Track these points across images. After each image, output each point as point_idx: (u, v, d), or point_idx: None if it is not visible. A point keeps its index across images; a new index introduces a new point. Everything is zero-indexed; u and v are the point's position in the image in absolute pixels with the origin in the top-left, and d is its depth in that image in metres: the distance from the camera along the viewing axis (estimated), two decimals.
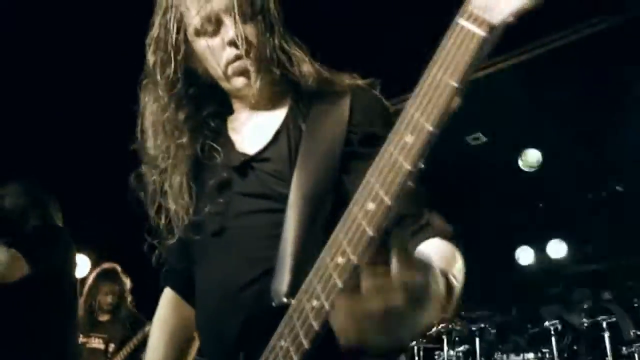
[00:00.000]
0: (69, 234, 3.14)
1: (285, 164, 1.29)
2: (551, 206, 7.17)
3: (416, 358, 6.12)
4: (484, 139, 6.12)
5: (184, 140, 1.41)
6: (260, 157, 1.33)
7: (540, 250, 7.39)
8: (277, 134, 1.34)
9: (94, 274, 4.55)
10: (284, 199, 1.23)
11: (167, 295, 1.57)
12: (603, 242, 6.98)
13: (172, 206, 1.41)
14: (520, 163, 6.40)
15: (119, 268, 4.66)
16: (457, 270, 1.11)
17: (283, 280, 1.13)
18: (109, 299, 4.48)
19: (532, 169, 6.38)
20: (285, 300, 1.10)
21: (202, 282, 1.38)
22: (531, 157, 6.35)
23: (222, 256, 1.30)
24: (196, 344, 1.55)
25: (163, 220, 1.43)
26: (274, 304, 1.12)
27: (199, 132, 1.43)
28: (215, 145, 1.41)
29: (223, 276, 1.28)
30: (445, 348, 6.02)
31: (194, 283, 1.42)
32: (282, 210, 1.22)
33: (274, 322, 1.05)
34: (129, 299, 4.62)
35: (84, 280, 4.50)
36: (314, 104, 1.35)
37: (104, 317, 4.52)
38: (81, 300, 4.21)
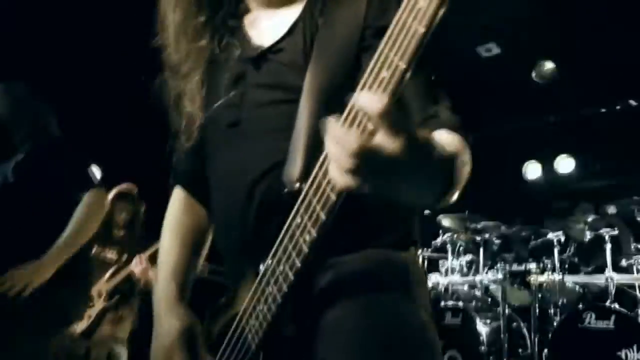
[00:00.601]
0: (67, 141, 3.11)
1: (300, 55, 1.29)
2: (562, 120, 7.11)
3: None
4: (497, 50, 5.99)
5: (204, 43, 1.44)
6: (275, 48, 1.34)
7: (548, 164, 7.39)
8: (293, 26, 1.35)
9: (112, 193, 4.74)
10: (298, 90, 1.24)
11: (178, 195, 1.58)
12: (611, 157, 6.97)
13: (189, 108, 1.44)
14: (533, 75, 6.29)
15: (135, 189, 4.89)
16: (462, 164, 1.11)
17: (295, 167, 1.16)
18: (125, 215, 4.74)
19: (545, 81, 6.28)
20: (297, 185, 1.12)
21: (217, 173, 1.41)
22: (545, 69, 6.23)
23: (237, 147, 1.33)
24: (207, 244, 1.58)
25: (182, 123, 1.46)
26: (286, 190, 1.15)
27: (218, 32, 1.45)
28: (232, 40, 1.42)
29: (238, 167, 1.31)
30: (450, 257, 6.14)
31: (205, 182, 1.45)
32: (297, 101, 1.23)
33: (288, 209, 1.08)
34: (142, 219, 4.85)
35: None
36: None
37: (119, 233, 4.77)
38: None
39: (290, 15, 1.37)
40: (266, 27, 1.40)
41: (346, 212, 1.00)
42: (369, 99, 0.81)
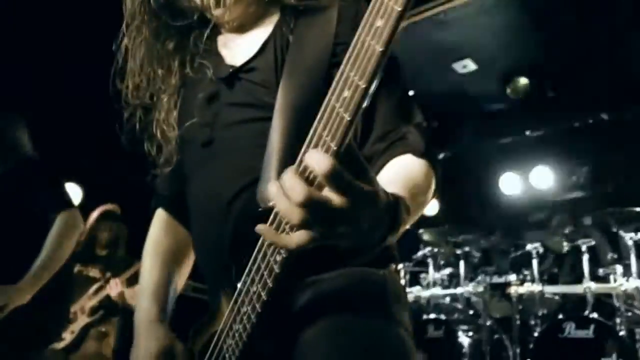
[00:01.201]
0: (41, 162, 3.11)
1: (272, 73, 1.31)
2: (539, 134, 7.21)
3: (402, 281, 6.29)
4: (473, 66, 6.09)
5: (174, 67, 1.45)
6: (247, 67, 1.36)
7: (525, 177, 7.47)
8: (264, 45, 1.37)
9: (96, 213, 4.79)
10: (270, 107, 1.25)
11: (159, 217, 1.58)
12: (587, 169, 7.07)
13: (162, 133, 1.46)
14: (508, 90, 6.39)
15: (119, 209, 4.93)
16: (420, 194, 1.13)
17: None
18: (108, 235, 4.77)
19: (520, 96, 6.38)
20: (271, 203, 1.10)
21: (194, 194, 1.42)
22: (519, 85, 6.33)
23: (211, 166, 1.33)
24: (190, 264, 1.58)
25: (156, 147, 1.48)
26: (260, 209, 1.14)
27: (189, 55, 1.46)
28: (204, 61, 1.43)
29: (213, 186, 1.31)
30: (431, 270, 6.20)
31: (185, 204, 1.46)
32: (269, 119, 1.24)
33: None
34: (125, 239, 4.88)
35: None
36: (301, 17, 1.37)
37: (102, 252, 4.79)
38: (82, 235, 4.41)
39: (261, 34, 1.40)
40: (238, 47, 1.42)
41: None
42: (316, 159, 0.84)
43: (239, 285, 1.15)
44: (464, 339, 5.33)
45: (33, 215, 2.88)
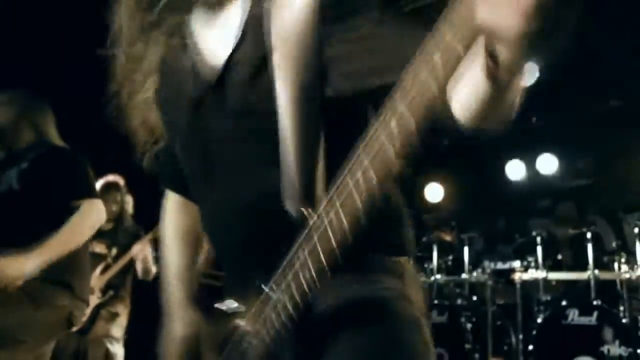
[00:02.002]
0: (68, 150, 3.12)
1: (258, 60, 1.18)
2: (545, 121, 7.20)
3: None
4: None
5: (152, 46, 1.35)
6: (229, 63, 1.22)
7: (531, 164, 7.47)
8: (244, 33, 1.22)
9: (99, 184, 4.64)
10: (265, 110, 1.16)
11: (171, 197, 1.57)
12: (593, 157, 7.06)
13: (148, 113, 1.40)
14: None
15: (122, 181, 4.82)
16: None
17: (294, 190, 1.12)
18: (113, 207, 4.64)
19: (528, 83, 6.36)
20: (302, 209, 1.08)
21: (205, 207, 1.36)
22: (527, 72, 6.31)
23: (220, 179, 1.26)
24: (205, 239, 1.56)
25: (146, 131, 1.42)
26: (292, 217, 1.10)
27: (169, 36, 1.34)
28: (183, 50, 1.31)
29: (226, 199, 1.24)
30: (435, 256, 6.22)
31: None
32: (267, 120, 1.15)
33: (292, 232, 1.05)
34: (131, 211, 4.82)
35: None
36: None
37: (108, 226, 4.65)
38: None
39: (233, 15, 1.26)
40: (216, 35, 1.27)
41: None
42: None
43: (265, 288, 1.13)
44: (467, 325, 5.36)
45: (59, 203, 2.89)
